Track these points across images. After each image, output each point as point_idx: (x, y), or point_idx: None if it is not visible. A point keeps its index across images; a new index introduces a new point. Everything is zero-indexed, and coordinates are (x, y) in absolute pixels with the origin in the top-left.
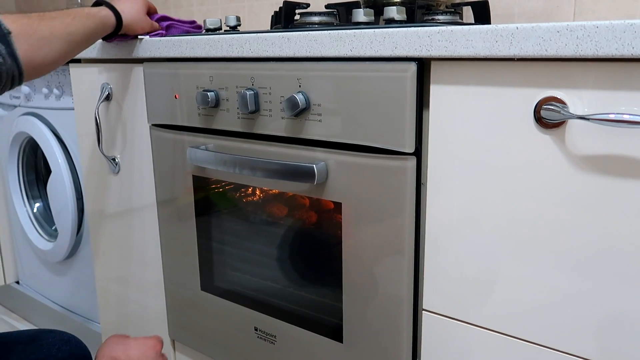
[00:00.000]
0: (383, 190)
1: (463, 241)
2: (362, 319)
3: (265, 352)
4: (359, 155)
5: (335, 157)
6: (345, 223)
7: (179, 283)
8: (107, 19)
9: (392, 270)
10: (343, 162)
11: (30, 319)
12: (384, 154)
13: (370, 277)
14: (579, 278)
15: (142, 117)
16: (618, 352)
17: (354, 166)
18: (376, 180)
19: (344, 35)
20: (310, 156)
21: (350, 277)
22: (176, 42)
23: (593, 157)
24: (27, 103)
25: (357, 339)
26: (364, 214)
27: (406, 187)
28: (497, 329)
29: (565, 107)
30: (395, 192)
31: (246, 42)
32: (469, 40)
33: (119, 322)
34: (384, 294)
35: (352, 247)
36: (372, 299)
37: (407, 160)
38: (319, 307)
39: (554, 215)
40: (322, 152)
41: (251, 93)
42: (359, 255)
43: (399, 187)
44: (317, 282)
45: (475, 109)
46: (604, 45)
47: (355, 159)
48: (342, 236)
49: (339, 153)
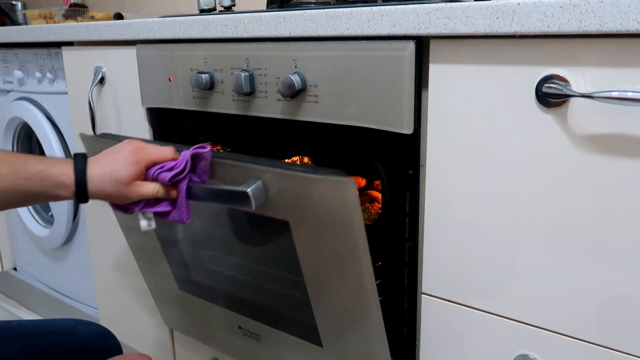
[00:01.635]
0: (325, 205)
1: (463, 224)
2: (334, 325)
3: (252, 347)
4: (297, 171)
5: (271, 176)
6: (296, 239)
7: (157, 285)
8: (60, 187)
9: (353, 285)
10: (282, 179)
11: (28, 305)
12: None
13: (334, 288)
14: (580, 260)
15: (137, 100)
16: (619, 335)
17: (293, 182)
18: (317, 196)
19: (340, 13)
20: (248, 175)
21: (314, 289)
22: (169, 22)
23: (596, 136)
24: (21, 88)
25: (335, 343)
26: (311, 230)
27: (349, 201)
28: (497, 312)
29: (568, 85)
30: (337, 205)
31: (241, 22)
32: (468, 17)
33: (116, 308)
34: (348, 299)
35: (308, 262)
36: (338, 305)
37: (347, 182)
38: (293, 313)
39: (556, 197)
40: (262, 169)
41: (246, 74)
42: (317, 271)
43: (341, 201)
44: (284, 293)
45: (476, 88)
46: (609, 20)
47: (293, 175)
48: (297, 251)
49: (277, 168)
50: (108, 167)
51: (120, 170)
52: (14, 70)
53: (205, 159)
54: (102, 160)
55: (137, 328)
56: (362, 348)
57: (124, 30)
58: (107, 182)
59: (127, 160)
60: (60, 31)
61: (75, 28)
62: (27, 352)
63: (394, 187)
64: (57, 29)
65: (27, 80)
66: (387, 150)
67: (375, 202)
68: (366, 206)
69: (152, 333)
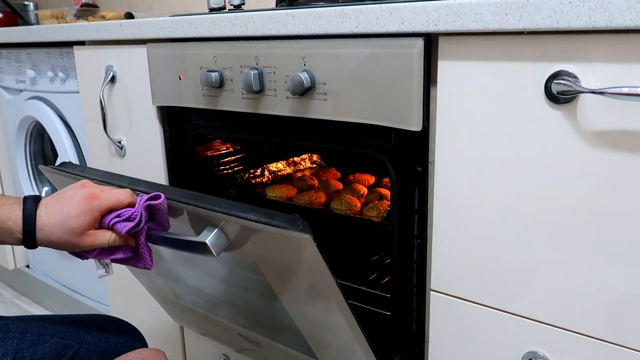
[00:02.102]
0: (285, 252)
1: (472, 221)
2: (321, 341)
3: (255, 349)
4: (252, 220)
5: (228, 224)
6: (267, 276)
7: (157, 294)
8: (7, 234)
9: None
10: (238, 227)
11: (41, 302)
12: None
13: (313, 314)
14: (590, 257)
15: (147, 98)
16: (631, 332)
17: (250, 230)
18: (274, 244)
19: (349, 11)
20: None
21: (295, 315)
22: (179, 21)
23: (606, 133)
24: (33, 87)
25: (327, 356)
26: (279, 270)
27: (306, 252)
28: (506, 309)
29: (577, 81)
30: (297, 254)
31: (250, 20)
32: (477, 13)
33: (127, 305)
34: (327, 321)
35: (284, 295)
36: (321, 325)
37: (300, 239)
38: (284, 331)
39: (566, 193)
40: (218, 217)
41: (255, 73)
42: (294, 300)
43: (298, 251)
44: (271, 318)
45: (484, 85)
46: (618, 16)
47: (248, 224)
48: (271, 286)
49: (232, 216)
50: (59, 214)
51: (72, 219)
52: (27, 70)
53: (161, 209)
54: (53, 206)
55: (148, 324)
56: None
57: (134, 30)
58: (57, 231)
59: (80, 208)
60: (71, 31)
61: (87, 28)
62: (59, 353)
63: (402, 184)
64: (68, 29)
65: (40, 79)
66: (396, 147)
67: (384, 199)
68: (375, 203)
69: (163, 329)
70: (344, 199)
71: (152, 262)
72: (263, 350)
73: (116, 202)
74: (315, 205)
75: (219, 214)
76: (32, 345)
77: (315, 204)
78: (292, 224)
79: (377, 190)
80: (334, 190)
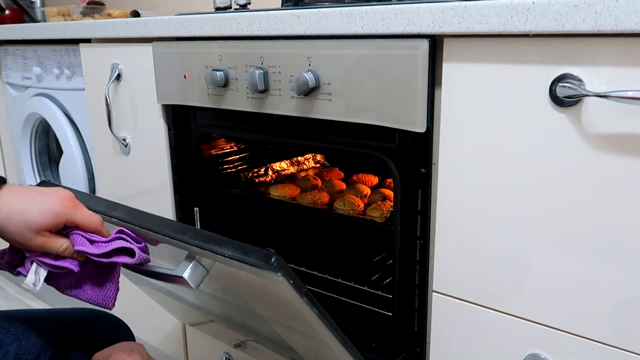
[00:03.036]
0: (260, 287)
1: (475, 223)
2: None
3: (258, 350)
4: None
5: (203, 257)
6: (252, 304)
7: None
8: None
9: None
10: (214, 260)
11: (44, 298)
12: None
13: (301, 337)
14: (593, 259)
15: (152, 97)
16: (633, 335)
17: (225, 264)
18: (250, 278)
19: (355, 12)
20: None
21: (286, 337)
22: (185, 20)
23: (610, 136)
24: (39, 84)
25: None
26: (262, 300)
27: (280, 290)
28: (508, 311)
29: (582, 84)
30: (272, 290)
31: (256, 20)
32: (483, 15)
33: (128, 302)
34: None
35: (271, 319)
36: (309, 345)
37: (275, 277)
38: (281, 346)
39: (570, 196)
40: (194, 250)
41: (260, 72)
42: (280, 324)
43: (273, 288)
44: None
45: (489, 87)
46: (624, 19)
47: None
48: (258, 312)
49: (207, 250)
50: (24, 203)
51: (36, 213)
52: (33, 67)
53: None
54: (22, 194)
55: (150, 322)
56: None
57: (140, 28)
58: (13, 218)
59: (50, 207)
60: (78, 28)
61: (93, 25)
62: (44, 347)
63: (406, 185)
64: (75, 26)
65: (45, 76)
66: (400, 148)
67: (388, 200)
68: (378, 204)
69: (165, 327)
70: (347, 199)
71: (115, 301)
72: (263, 352)
73: (86, 222)
74: (319, 205)
75: (194, 247)
76: (17, 340)
77: (318, 203)
78: (266, 262)
79: (380, 191)
80: (337, 190)
